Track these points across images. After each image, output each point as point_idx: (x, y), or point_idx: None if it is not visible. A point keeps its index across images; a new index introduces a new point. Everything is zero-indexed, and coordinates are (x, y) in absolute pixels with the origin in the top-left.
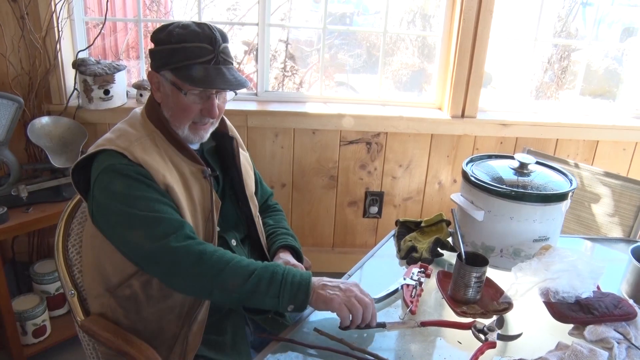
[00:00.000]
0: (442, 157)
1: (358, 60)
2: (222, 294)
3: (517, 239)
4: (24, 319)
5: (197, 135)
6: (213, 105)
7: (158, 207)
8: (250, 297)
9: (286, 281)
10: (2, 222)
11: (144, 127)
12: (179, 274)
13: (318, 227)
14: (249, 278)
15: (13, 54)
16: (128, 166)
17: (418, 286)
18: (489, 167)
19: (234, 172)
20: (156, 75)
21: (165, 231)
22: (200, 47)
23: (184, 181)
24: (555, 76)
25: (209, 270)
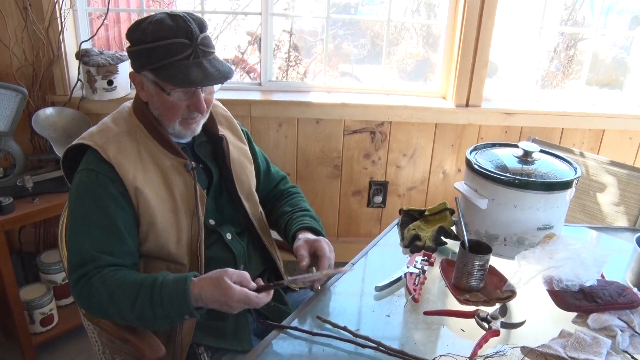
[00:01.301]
0: (446, 147)
1: (362, 50)
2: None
3: (521, 227)
4: (32, 308)
5: (189, 130)
6: (199, 101)
7: (90, 231)
8: (145, 322)
9: (164, 302)
10: (8, 213)
11: (127, 122)
12: (84, 308)
13: (322, 217)
14: (134, 306)
15: (17, 45)
16: (93, 173)
17: (421, 274)
18: (493, 156)
19: (224, 170)
20: (137, 76)
21: (77, 262)
22: (177, 42)
23: (164, 177)
24: (561, 65)
25: (99, 306)
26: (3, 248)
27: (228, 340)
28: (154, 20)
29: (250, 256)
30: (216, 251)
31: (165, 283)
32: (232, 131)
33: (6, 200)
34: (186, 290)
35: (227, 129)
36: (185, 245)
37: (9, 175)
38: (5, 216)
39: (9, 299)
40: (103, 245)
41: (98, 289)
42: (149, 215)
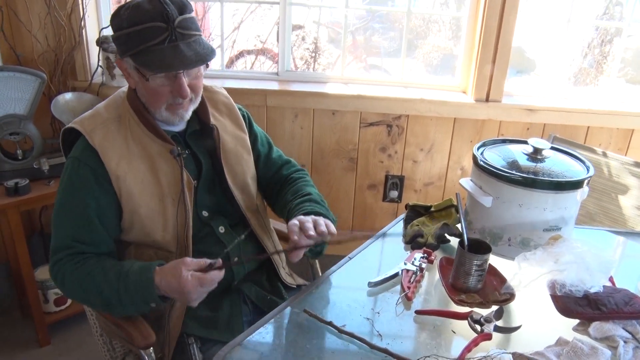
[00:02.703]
0: (465, 142)
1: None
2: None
3: (526, 227)
4: (46, 288)
5: (177, 115)
6: (181, 85)
7: (66, 218)
8: (113, 310)
9: (129, 289)
10: (24, 193)
11: (118, 108)
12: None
13: (337, 210)
14: (101, 292)
15: (40, 31)
16: (75, 160)
17: (418, 272)
18: (503, 152)
19: (216, 160)
20: (122, 62)
21: (54, 248)
22: (153, 26)
23: (150, 163)
24: (594, 61)
25: (72, 291)
26: (18, 228)
27: (220, 331)
28: (132, 5)
29: (247, 249)
30: (207, 245)
31: (132, 271)
32: (232, 119)
33: (22, 182)
34: (150, 279)
35: (227, 117)
36: (171, 233)
37: (27, 158)
38: (21, 197)
39: (24, 278)
40: (76, 234)
41: (70, 275)
42: (132, 203)
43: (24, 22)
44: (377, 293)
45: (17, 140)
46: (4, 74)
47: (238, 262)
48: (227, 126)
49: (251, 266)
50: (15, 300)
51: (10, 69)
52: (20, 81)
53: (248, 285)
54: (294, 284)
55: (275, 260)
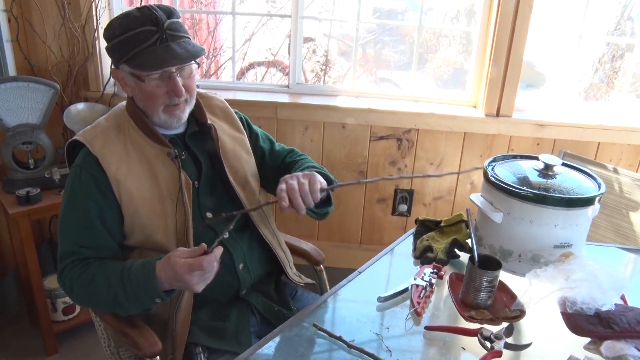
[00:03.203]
0: (475, 157)
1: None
2: (106, 309)
3: (537, 244)
4: (55, 297)
5: (174, 117)
6: (176, 84)
7: (70, 224)
8: (121, 308)
9: (132, 283)
10: (35, 203)
11: (117, 118)
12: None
13: (346, 223)
14: (108, 292)
15: (54, 42)
16: (77, 168)
17: (428, 287)
18: (513, 168)
19: (216, 160)
20: (118, 72)
21: (60, 256)
22: (144, 30)
23: (149, 167)
24: (605, 77)
25: (80, 295)
26: (29, 237)
27: (228, 342)
28: (122, 15)
29: (252, 254)
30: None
31: (134, 267)
32: (228, 122)
33: (34, 191)
34: (151, 272)
35: (223, 120)
36: (172, 233)
37: (38, 167)
38: (32, 206)
39: (33, 287)
40: (80, 240)
41: (76, 280)
42: (132, 206)
43: (39, 32)
44: (386, 308)
45: (29, 150)
46: (18, 84)
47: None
48: (224, 128)
49: (257, 273)
50: (24, 308)
51: (24, 79)
52: (34, 91)
53: (255, 296)
54: (302, 282)
55: (282, 260)
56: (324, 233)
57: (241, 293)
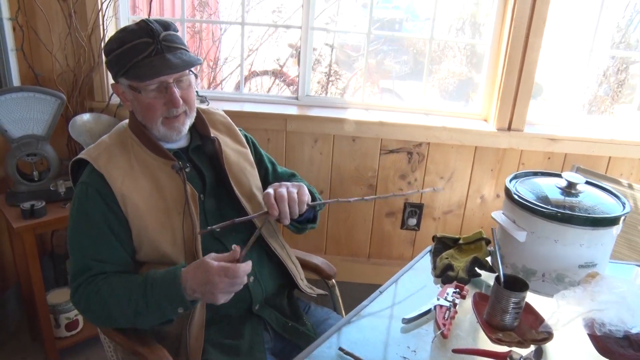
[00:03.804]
0: (485, 171)
1: (404, 67)
2: (124, 324)
3: (562, 263)
4: (58, 312)
5: (174, 130)
6: (172, 95)
7: (82, 241)
8: (141, 320)
9: (156, 291)
10: (40, 216)
11: (120, 135)
12: (86, 317)
13: (354, 237)
14: (128, 303)
15: (60, 51)
16: (84, 186)
17: (452, 308)
18: (535, 185)
19: (221, 172)
20: (117, 86)
21: (73, 274)
22: (140, 42)
23: (154, 181)
24: (610, 90)
25: (97, 312)
26: (33, 251)
27: (241, 359)
28: (120, 29)
29: (262, 268)
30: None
31: (157, 274)
32: (231, 136)
33: (39, 204)
34: (176, 278)
35: (226, 134)
36: (180, 246)
37: (43, 179)
38: (37, 220)
39: (37, 302)
40: (94, 254)
41: (94, 296)
42: (139, 220)
43: (45, 41)
44: (410, 329)
45: (33, 162)
46: (24, 94)
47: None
48: (227, 142)
49: (269, 286)
50: (25, 323)
51: (30, 89)
52: (40, 102)
53: (268, 312)
54: (314, 293)
55: (293, 272)
56: (332, 247)
57: (254, 308)
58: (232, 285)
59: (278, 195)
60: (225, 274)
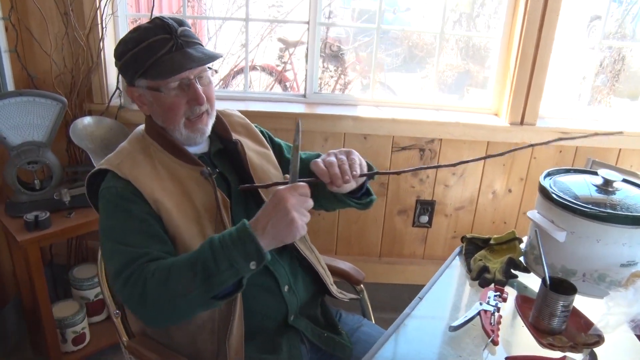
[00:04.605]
0: (497, 166)
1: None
2: (186, 301)
3: (603, 263)
4: (64, 327)
5: (197, 131)
6: (196, 91)
7: (125, 238)
8: (210, 284)
9: (226, 245)
10: (45, 228)
11: (140, 142)
12: (139, 311)
13: (365, 236)
14: (194, 270)
15: (56, 52)
16: (113, 189)
17: (496, 312)
18: (569, 183)
19: (245, 175)
20: (134, 90)
21: (118, 268)
22: (157, 39)
23: (182, 187)
24: (607, 80)
25: (156, 293)
26: (38, 265)
27: None
28: (132, 30)
29: (295, 276)
30: (254, 277)
31: (222, 234)
32: (251, 138)
33: (43, 215)
34: (244, 223)
35: (245, 136)
36: None
37: (45, 188)
38: (41, 232)
39: (42, 317)
40: (141, 245)
41: (149, 279)
42: (173, 226)
43: (40, 41)
44: (457, 337)
45: (34, 170)
46: (23, 99)
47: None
48: (248, 144)
49: (303, 295)
50: (25, 337)
51: (29, 93)
52: (40, 106)
53: (304, 323)
54: (346, 298)
55: (323, 277)
56: (343, 247)
57: (289, 319)
58: (304, 201)
59: (327, 162)
60: (292, 187)
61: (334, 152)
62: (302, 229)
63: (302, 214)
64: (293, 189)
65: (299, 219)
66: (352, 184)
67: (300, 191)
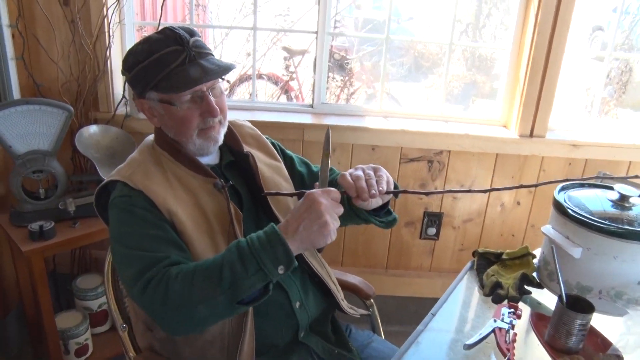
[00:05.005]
0: (506, 178)
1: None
2: (211, 306)
3: (620, 280)
4: (67, 338)
5: (210, 140)
6: (209, 103)
7: (143, 243)
8: (237, 288)
9: (255, 248)
10: (50, 238)
11: (151, 153)
12: (159, 315)
13: (372, 247)
14: (221, 273)
15: (63, 60)
16: (126, 198)
17: (511, 330)
18: (584, 198)
19: (256, 188)
20: (143, 102)
21: (136, 273)
22: (169, 51)
23: (194, 200)
24: (614, 91)
25: (180, 296)
26: (42, 275)
27: None
28: (143, 41)
29: (306, 292)
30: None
31: (249, 237)
32: (262, 150)
33: (47, 225)
34: (273, 227)
35: (256, 148)
36: None
37: (49, 197)
38: (46, 242)
39: (45, 328)
40: (160, 250)
41: (173, 282)
42: (186, 237)
43: (47, 49)
44: (473, 355)
45: (40, 179)
46: (29, 107)
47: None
48: (259, 156)
49: (313, 311)
50: (27, 348)
51: (36, 101)
52: (46, 115)
53: (315, 340)
54: (357, 314)
55: (334, 292)
56: (349, 258)
57: (300, 335)
58: (336, 206)
59: (354, 176)
60: (325, 191)
61: (362, 167)
62: (334, 233)
63: (334, 219)
64: (326, 192)
65: (332, 223)
66: (377, 200)
67: (332, 195)
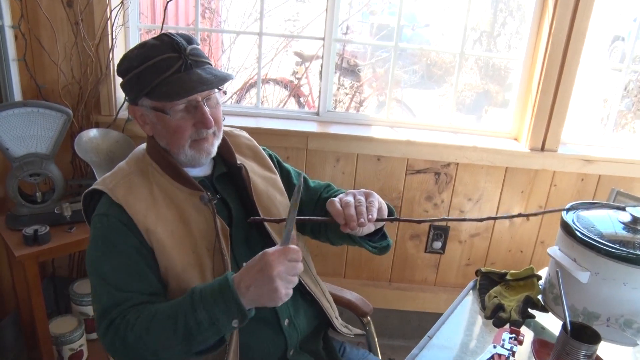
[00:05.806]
0: (515, 193)
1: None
2: (169, 354)
3: (630, 307)
4: (61, 344)
5: (203, 152)
6: (204, 114)
7: (109, 275)
8: (192, 341)
9: (208, 302)
10: (44, 243)
11: (139, 163)
12: (120, 358)
13: (375, 260)
14: (176, 324)
15: (65, 62)
16: (103, 217)
17: (511, 357)
18: (594, 219)
19: (248, 201)
20: (136, 109)
21: (101, 312)
22: (165, 58)
23: (180, 214)
24: (632, 104)
25: (137, 344)
26: (35, 280)
27: None
28: (139, 46)
29: (297, 309)
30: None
31: (205, 287)
32: (258, 162)
33: (42, 230)
34: (227, 279)
35: (252, 159)
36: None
37: (46, 201)
38: (40, 247)
39: (38, 333)
40: (125, 287)
41: (130, 330)
42: (165, 257)
43: (49, 51)
44: None
45: (37, 182)
46: (27, 110)
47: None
48: (254, 168)
49: (304, 329)
50: (25, 353)
51: (34, 104)
52: (45, 117)
53: (304, 358)
54: (351, 333)
55: (327, 310)
56: (352, 271)
57: (288, 354)
58: (292, 268)
59: (344, 202)
60: (282, 253)
61: (353, 192)
62: (286, 296)
63: (287, 282)
64: (283, 254)
65: (283, 288)
66: (369, 226)
67: (290, 257)
